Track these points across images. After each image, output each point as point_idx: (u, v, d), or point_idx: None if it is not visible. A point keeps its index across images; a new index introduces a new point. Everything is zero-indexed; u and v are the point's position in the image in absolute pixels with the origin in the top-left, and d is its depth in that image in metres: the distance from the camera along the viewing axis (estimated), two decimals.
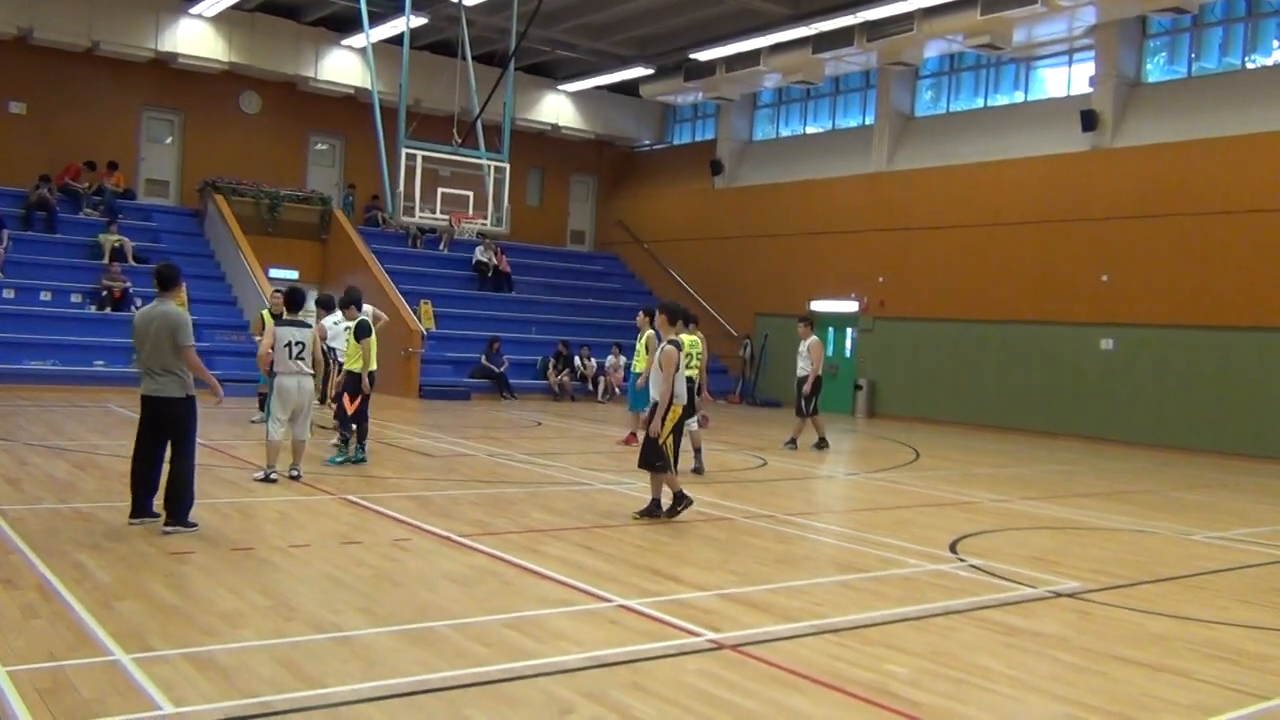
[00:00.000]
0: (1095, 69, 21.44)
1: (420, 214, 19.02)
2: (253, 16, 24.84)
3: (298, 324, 10.33)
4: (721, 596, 6.83)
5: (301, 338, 10.14)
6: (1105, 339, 20.55)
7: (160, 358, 7.94)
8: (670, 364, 9.37)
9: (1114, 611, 7.03)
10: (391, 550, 7.73)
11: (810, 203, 26.18)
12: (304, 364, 10.19)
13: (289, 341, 10.11)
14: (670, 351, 9.41)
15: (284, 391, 10.23)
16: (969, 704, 5.03)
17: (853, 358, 25.29)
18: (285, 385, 10.22)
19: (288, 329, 10.20)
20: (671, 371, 9.38)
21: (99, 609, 5.76)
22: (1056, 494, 12.90)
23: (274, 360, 10.26)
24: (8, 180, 23.31)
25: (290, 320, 10.38)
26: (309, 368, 10.25)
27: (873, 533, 9.47)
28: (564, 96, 29.64)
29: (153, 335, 7.93)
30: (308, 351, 10.18)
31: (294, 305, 10.58)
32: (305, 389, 10.28)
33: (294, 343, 10.11)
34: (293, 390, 10.22)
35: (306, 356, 10.18)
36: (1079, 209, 21.03)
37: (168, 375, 7.97)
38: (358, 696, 4.66)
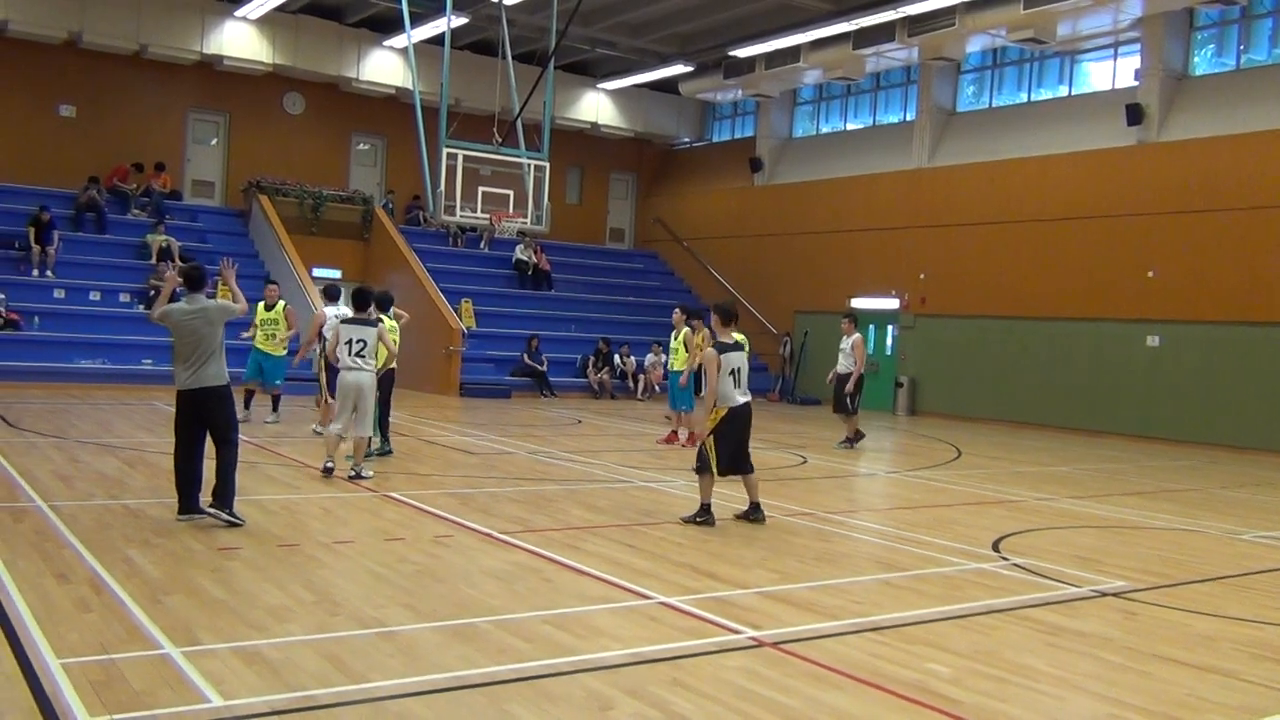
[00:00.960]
0: (1141, 62, 21.15)
1: (461, 213, 19.16)
2: (296, 18, 25.11)
3: (361, 322, 10.72)
4: (762, 594, 6.83)
5: (364, 335, 10.55)
6: (1151, 335, 20.28)
7: (206, 347, 8.07)
8: (712, 366, 9.26)
9: (1159, 611, 6.96)
10: (433, 547, 7.81)
11: (850, 200, 26.06)
12: (363, 360, 10.53)
13: (350, 339, 10.52)
14: (710, 354, 9.28)
15: (343, 386, 10.59)
16: (1011, 703, 5.00)
17: (893, 355, 25.15)
18: (345, 380, 10.59)
19: (351, 327, 10.62)
20: (715, 373, 9.25)
21: (149, 603, 5.87)
22: (1101, 492, 12.76)
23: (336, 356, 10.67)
24: (58, 182, 23.73)
25: (354, 319, 10.78)
26: (369, 364, 10.60)
27: (914, 531, 9.42)
28: (603, 95, 29.70)
29: (198, 327, 8.08)
30: (369, 349, 10.58)
31: (360, 303, 10.98)
32: (364, 385, 10.58)
33: (355, 340, 10.50)
34: (351, 385, 10.52)
35: (367, 354, 10.56)
36: (1124, 204, 20.77)
37: (211, 364, 8.09)
38: (401, 691, 4.73)
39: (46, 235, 21.47)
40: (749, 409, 9.35)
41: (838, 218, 26.24)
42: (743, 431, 9.32)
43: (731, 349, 9.31)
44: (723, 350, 9.23)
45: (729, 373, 9.18)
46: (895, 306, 24.86)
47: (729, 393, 9.21)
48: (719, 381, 9.15)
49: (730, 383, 9.19)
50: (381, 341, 10.95)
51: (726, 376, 9.18)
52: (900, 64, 24.34)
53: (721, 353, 9.20)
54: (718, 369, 9.16)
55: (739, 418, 9.25)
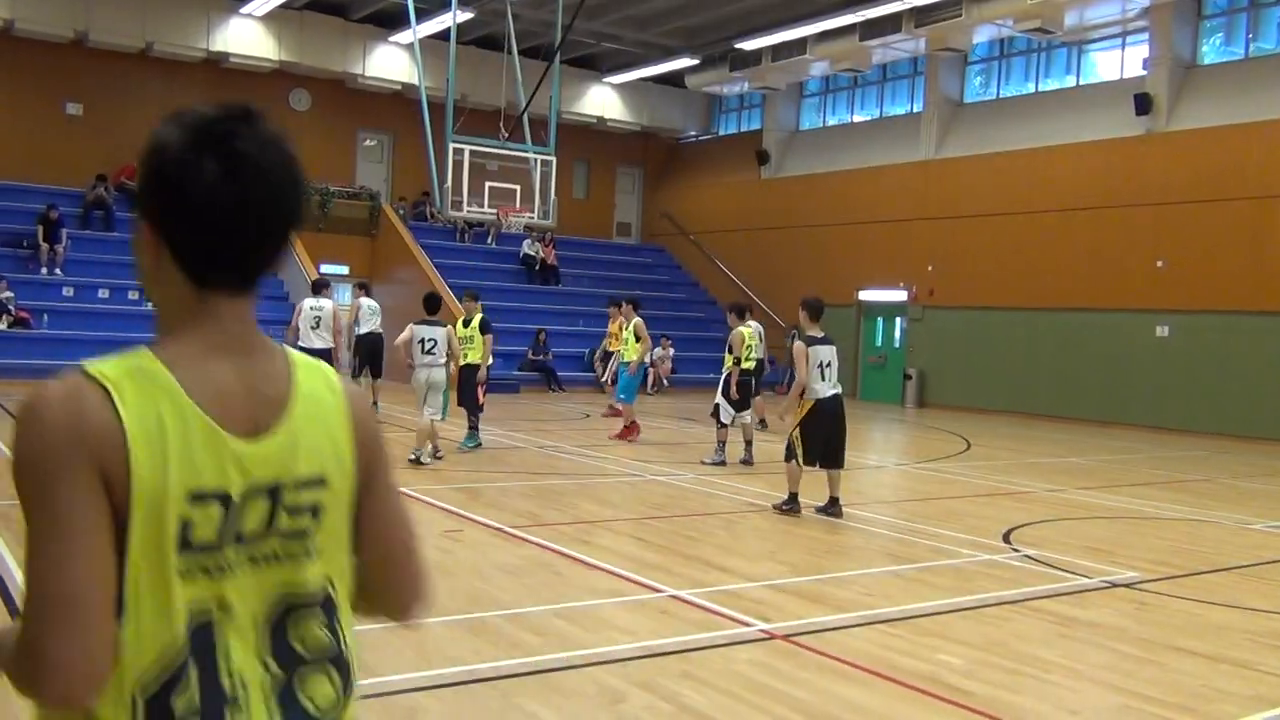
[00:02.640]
0: (1149, 51, 21.05)
1: (468, 208, 19.16)
2: (301, 15, 25.11)
3: (432, 323, 11.75)
4: (772, 587, 6.82)
5: (434, 335, 11.64)
6: (1161, 325, 20.21)
7: None
8: (801, 359, 9.37)
9: (1172, 602, 6.93)
10: (443, 541, 7.81)
11: (858, 192, 25.99)
12: (434, 357, 11.59)
13: (423, 338, 11.61)
14: (800, 348, 9.42)
15: (416, 381, 11.62)
16: (1024, 694, 4.99)
17: (902, 347, 25.10)
18: (417, 376, 11.62)
19: (423, 327, 11.70)
20: (804, 366, 9.33)
21: None
22: (1112, 483, 12.73)
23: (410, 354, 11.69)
24: (66, 180, 23.78)
25: (426, 320, 11.79)
26: (440, 360, 11.62)
27: (924, 523, 9.40)
28: (609, 89, 29.66)
29: None
30: (439, 347, 11.63)
31: (431, 308, 12.01)
32: (436, 379, 11.58)
33: (427, 339, 11.60)
34: (422, 380, 11.56)
35: (438, 351, 11.61)
36: (1133, 194, 20.68)
37: None
38: (412, 685, 4.73)
39: (55, 233, 21.52)
40: (838, 402, 9.44)
41: (845, 210, 26.18)
42: (831, 425, 9.39)
43: (820, 343, 9.45)
44: (811, 343, 9.39)
45: (817, 366, 9.32)
46: (903, 298, 24.81)
47: (817, 386, 9.31)
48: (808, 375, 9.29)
49: (818, 375, 9.30)
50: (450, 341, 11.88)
51: (814, 369, 9.30)
52: (907, 55, 24.24)
53: (810, 345, 9.36)
54: (806, 361, 9.28)
55: (825, 411, 9.34)
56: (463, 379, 12.72)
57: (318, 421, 1.54)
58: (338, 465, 1.55)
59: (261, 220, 1.49)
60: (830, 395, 9.36)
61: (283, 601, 1.51)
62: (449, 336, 11.77)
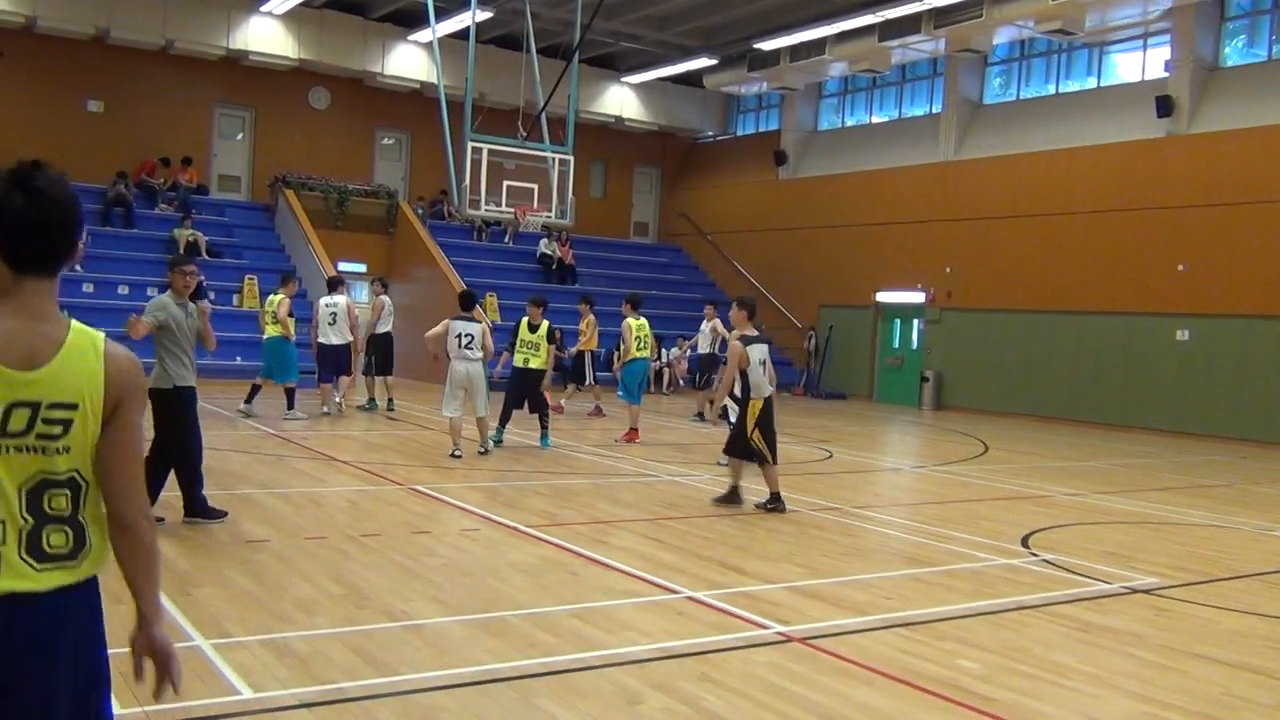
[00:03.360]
0: (1171, 53, 20.92)
1: (486, 207, 19.18)
2: (321, 13, 25.18)
3: (467, 319, 12.14)
4: (790, 589, 6.80)
5: (471, 330, 12.01)
6: (1181, 329, 20.08)
7: None
8: (735, 358, 9.43)
9: (1192, 608, 6.88)
10: (460, 540, 7.82)
11: (876, 193, 25.92)
12: (471, 353, 11.96)
13: (460, 334, 11.96)
14: (736, 347, 9.48)
15: (454, 375, 11.99)
16: (1043, 700, 4.95)
17: (919, 349, 25.01)
18: (455, 369, 12.00)
19: (460, 323, 12.05)
20: (735, 366, 9.43)
21: (179, 595, 5.89)
22: (1131, 488, 12.65)
23: (447, 349, 12.01)
24: (87, 177, 23.85)
25: (462, 316, 12.17)
26: (476, 355, 11.99)
27: (942, 526, 9.36)
28: (627, 88, 29.66)
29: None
30: (476, 342, 11.98)
31: (467, 305, 12.46)
32: (474, 373, 12.02)
33: (464, 334, 11.97)
34: (461, 374, 11.96)
35: (475, 346, 11.96)
36: (1154, 197, 20.56)
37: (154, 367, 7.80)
38: (430, 684, 4.73)
39: None
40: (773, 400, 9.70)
41: (863, 211, 26.10)
42: (773, 421, 9.63)
43: (755, 341, 9.58)
44: (748, 343, 9.48)
45: (759, 364, 9.45)
46: (921, 301, 24.72)
47: (762, 384, 9.42)
48: (753, 373, 9.38)
49: (760, 372, 9.45)
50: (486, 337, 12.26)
51: (756, 367, 9.41)
52: (926, 56, 24.16)
53: (746, 345, 9.45)
54: (745, 362, 9.37)
55: (769, 408, 9.57)
56: (528, 382, 13.15)
57: (77, 369, 2.32)
58: (89, 398, 2.33)
59: (50, 231, 2.32)
60: (771, 393, 9.60)
61: (39, 477, 2.32)
62: (485, 333, 12.14)
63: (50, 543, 2.34)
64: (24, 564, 2.30)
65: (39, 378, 2.29)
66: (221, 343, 21.95)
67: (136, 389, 2.44)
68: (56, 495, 2.34)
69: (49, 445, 2.31)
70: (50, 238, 2.33)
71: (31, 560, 2.31)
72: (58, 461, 2.32)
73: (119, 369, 2.39)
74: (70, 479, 2.35)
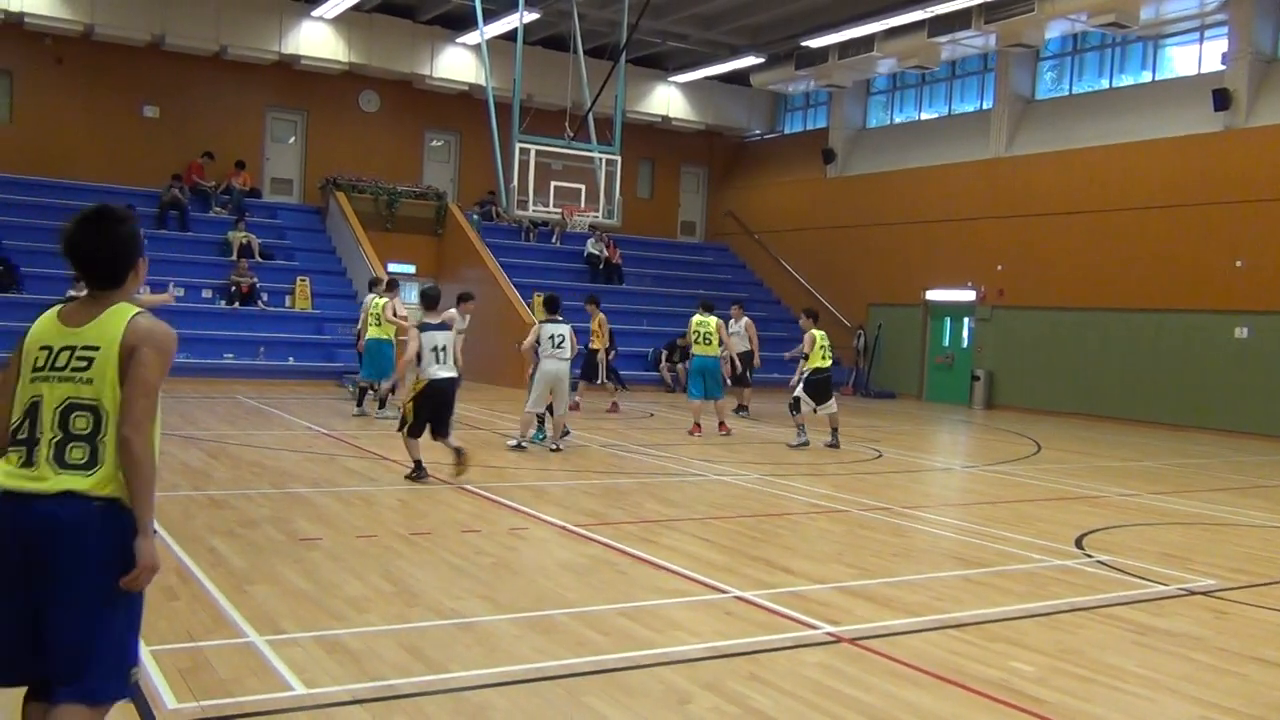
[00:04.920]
0: (1228, 45, 20.52)
1: (534, 207, 19.25)
2: (371, 17, 25.43)
3: (556, 321, 12.78)
4: (839, 589, 6.76)
5: (562, 331, 12.71)
6: (1240, 327, 19.68)
7: None
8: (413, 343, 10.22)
9: (1251, 611, 6.75)
10: (509, 539, 7.86)
11: (925, 190, 25.68)
12: (561, 352, 12.65)
13: (551, 334, 12.64)
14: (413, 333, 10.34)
15: (545, 373, 12.62)
16: (1098, 703, 4.88)
17: (970, 348, 24.75)
18: (546, 368, 12.61)
19: (550, 325, 12.70)
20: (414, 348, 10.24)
21: (234, 592, 5.99)
22: (1188, 488, 12.43)
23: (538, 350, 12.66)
24: (142, 181, 24.33)
25: (549, 319, 12.78)
26: (566, 355, 12.71)
27: (993, 526, 9.26)
28: (674, 88, 29.64)
29: None
30: (567, 341, 12.71)
31: (554, 308, 12.97)
32: (563, 372, 12.74)
33: (555, 335, 12.64)
34: (552, 372, 12.63)
35: (565, 346, 12.68)
36: (1211, 192, 20.18)
37: None
38: (480, 682, 4.76)
39: None
40: (449, 385, 10.33)
41: (912, 209, 25.88)
42: (441, 404, 10.31)
43: (435, 329, 10.40)
44: (425, 329, 10.39)
45: (430, 349, 10.25)
46: (972, 298, 24.46)
47: (429, 368, 10.21)
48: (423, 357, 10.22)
49: (432, 358, 10.21)
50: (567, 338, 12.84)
51: (429, 352, 10.21)
52: (977, 51, 23.87)
53: (423, 331, 10.33)
54: (418, 346, 10.26)
55: (438, 392, 10.21)
56: None
57: (106, 327, 3.22)
58: (109, 344, 3.18)
59: (109, 263, 3.29)
60: (442, 378, 10.25)
61: (67, 401, 3.16)
62: (571, 333, 12.82)
63: (71, 455, 3.12)
64: (48, 468, 3.11)
65: (81, 332, 3.22)
66: (274, 343, 22.42)
67: (151, 341, 3.20)
68: (79, 417, 3.15)
69: (77, 375, 3.17)
70: (109, 268, 3.29)
71: (55, 467, 3.11)
72: (82, 390, 3.16)
73: (135, 326, 3.21)
74: (92, 406, 3.15)
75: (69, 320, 3.24)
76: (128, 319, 3.21)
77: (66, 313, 3.28)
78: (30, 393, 3.19)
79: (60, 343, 3.19)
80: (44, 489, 3.07)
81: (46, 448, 3.11)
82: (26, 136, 23.77)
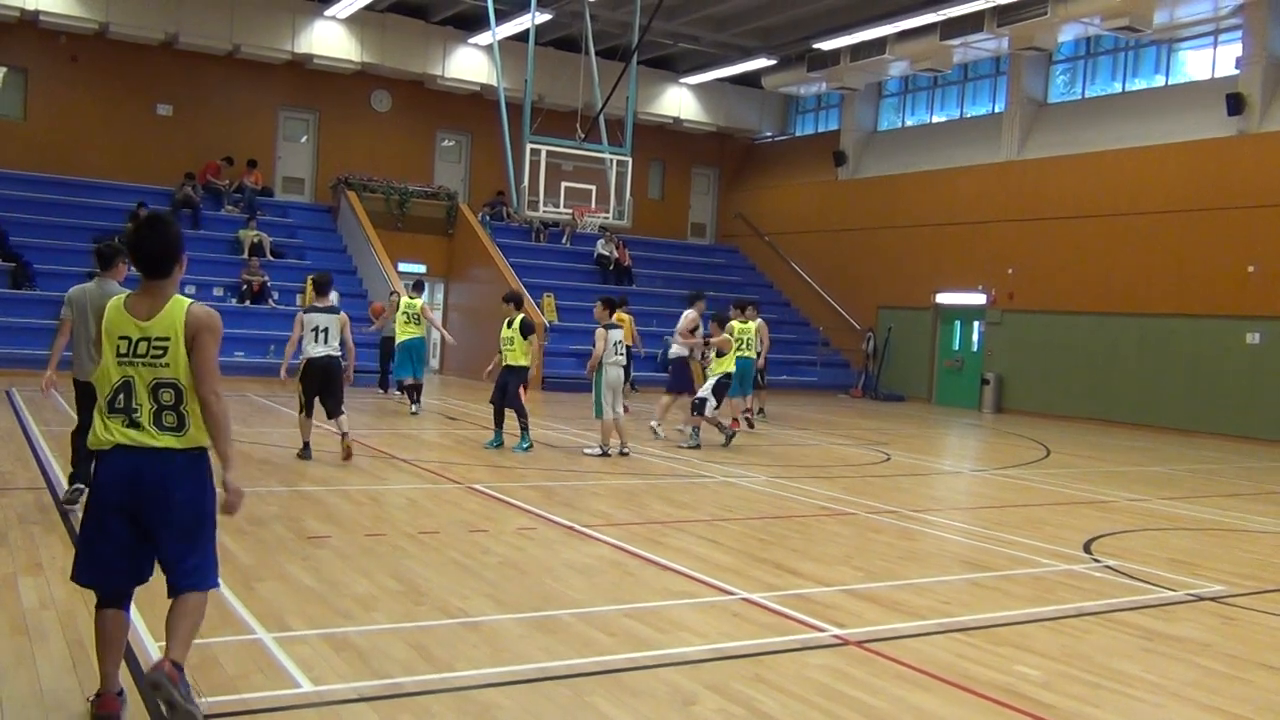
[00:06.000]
0: (1242, 49, 20.45)
1: (544, 208, 19.27)
2: (383, 17, 25.50)
3: (614, 326, 12.73)
4: (846, 592, 6.76)
5: (620, 337, 12.75)
6: (1251, 332, 19.61)
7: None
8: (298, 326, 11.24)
9: (1261, 617, 6.72)
10: (517, 539, 7.87)
11: (936, 193, 25.64)
12: (622, 357, 12.77)
13: (615, 341, 12.63)
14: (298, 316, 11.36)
15: (610, 379, 12.61)
16: (1105, 709, 4.87)
17: (979, 351, 24.70)
18: (610, 374, 12.63)
19: (615, 331, 12.66)
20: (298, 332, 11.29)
21: (241, 589, 6.01)
22: (1197, 494, 12.38)
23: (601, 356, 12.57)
24: (156, 179, 24.45)
25: (609, 324, 12.70)
26: (625, 359, 12.91)
27: (1001, 530, 9.24)
28: (685, 89, 29.65)
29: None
30: (624, 347, 12.85)
31: (611, 310, 12.97)
32: (621, 377, 12.83)
33: (619, 342, 12.67)
34: (615, 377, 12.68)
35: (624, 351, 12.82)
36: (1224, 196, 20.10)
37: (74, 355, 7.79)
38: (485, 681, 4.77)
39: None
40: (326, 362, 11.19)
41: (923, 212, 25.84)
42: (323, 381, 11.20)
43: (320, 312, 11.33)
44: (309, 312, 11.46)
45: (311, 330, 11.28)
46: (982, 302, 24.41)
47: (308, 347, 11.20)
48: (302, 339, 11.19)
49: (312, 338, 11.21)
50: None
51: (309, 333, 11.21)
52: (989, 54, 23.84)
53: (306, 314, 11.38)
54: (301, 327, 11.21)
55: (317, 369, 11.17)
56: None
57: (170, 318, 4.06)
58: (176, 333, 4.05)
59: (162, 258, 4.14)
60: (318, 355, 11.15)
61: (155, 380, 4.04)
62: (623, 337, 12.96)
63: (164, 420, 4.09)
64: (152, 430, 4.08)
65: (152, 324, 4.09)
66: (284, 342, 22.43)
67: (207, 327, 4.14)
68: (165, 391, 4.08)
69: (158, 360, 4.07)
70: (162, 261, 4.16)
71: (155, 429, 4.08)
72: (163, 371, 4.07)
73: (193, 316, 4.12)
74: (173, 383, 4.08)
75: (136, 313, 4.09)
76: (185, 309, 4.11)
77: (132, 305, 4.11)
78: (120, 374, 4.07)
79: (137, 334, 4.06)
80: (150, 445, 4.05)
81: (146, 416, 4.06)
82: (41, 134, 23.90)
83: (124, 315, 4.08)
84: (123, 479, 4.04)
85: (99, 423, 4.11)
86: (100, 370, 4.10)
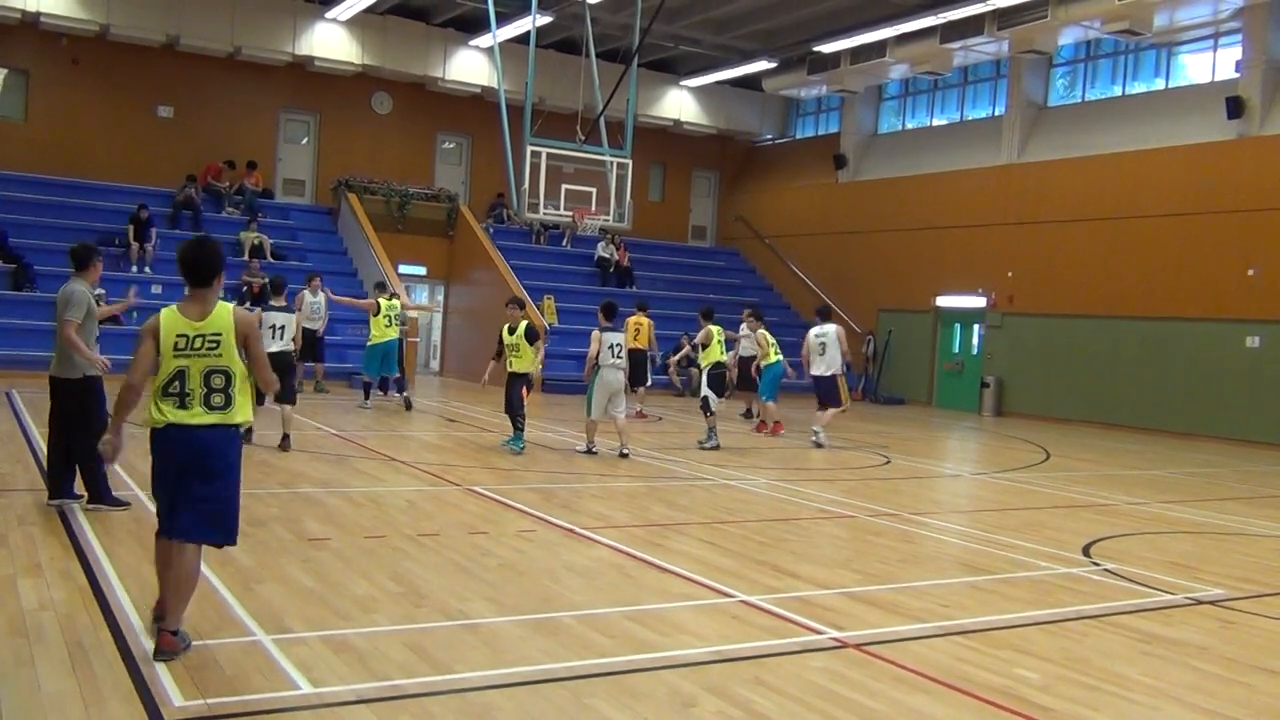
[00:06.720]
0: (1242, 53, 20.46)
1: (544, 210, 19.28)
2: (384, 19, 25.52)
3: (614, 329, 12.92)
4: (845, 595, 6.76)
5: (619, 340, 12.85)
6: (1251, 336, 19.61)
7: (56, 336, 7.88)
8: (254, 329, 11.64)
9: (1259, 621, 6.73)
10: (516, 541, 7.88)
11: (937, 196, 25.65)
12: (621, 360, 12.76)
13: (612, 344, 12.76)
14: None
15: (606, 381, 12.69)
16: (1103, 712, 4.88)
17: (980, 354, 24.70)
18: (607, 377, 12.70)
19: (610, 334, 12.79)
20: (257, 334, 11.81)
21: (241, 591, 6.01)
22: (1197, 497, 12.39)
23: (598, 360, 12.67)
24: (157, 181, 24.45)
25: (610, 327, 12.87)
26: (624, 362, 12.84)
27: (1001, 533, 9.25)
28: (686, 92, 29.66)
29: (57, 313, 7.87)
30: (623, 350, 12.84)
31: (613, 315, 13.09)
32: (620, 380, 12.82)
33: (615, 344, 12.79)
34: (613, 380, 12.74)
35: (623, 355, 12.80)
36: (1224, 200, 20.11)
37: (61, 354, 7.86)
38: (485, 683, 4.77)
39: (145, 233, 22.12)
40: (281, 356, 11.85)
41: (924, 215, 25.84)
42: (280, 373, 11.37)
43: (275, 310, 12.48)
44: (266, 309, 12.35)
45: (269, 327, 12.02)
46: (982, 305, 24.42)
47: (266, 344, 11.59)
48: None
49: (269, 334, 11.84)
50: None
51: (266, 329, 11.80)
52: (989, 58, 23.86)
53: (265, 311, 12.21)
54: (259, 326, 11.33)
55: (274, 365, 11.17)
56: None
57: (220, 319, 5.08)
58: (227, 332, 5.07)
59: (209, 271, 5.15)
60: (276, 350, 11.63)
61: (207, 368, 5.03)
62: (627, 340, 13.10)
63: (213, 401, 5.01)
64: (201, 409, 5.00)
65: (205, 324, 5.03)
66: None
67: (251, 329, 5.18)
68: (216, 377, 5.01)
69: (211, 352, 5.00)
70: (209, 273, 5.11)
71: (204, 409, 5.00)
72: (215, 361, 5.01)
73: (239, 318, 5.14)
74: (224, 370, 5.02)
75: (190, 315, 5.04)
76: (230, 312, 5.13)
77: (184, 309, 5.05)
78: (175, 364, 4.97)
79: (193, 332, 5.00)
80: (199, 422, 4.97)
81: (197, 399, 4.98)
82: (42, 136, 23.91)
83: (179, 318, 5.03)
84: (174, 446, 4.98)
85: (153, 406, 4.99)
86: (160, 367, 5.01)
